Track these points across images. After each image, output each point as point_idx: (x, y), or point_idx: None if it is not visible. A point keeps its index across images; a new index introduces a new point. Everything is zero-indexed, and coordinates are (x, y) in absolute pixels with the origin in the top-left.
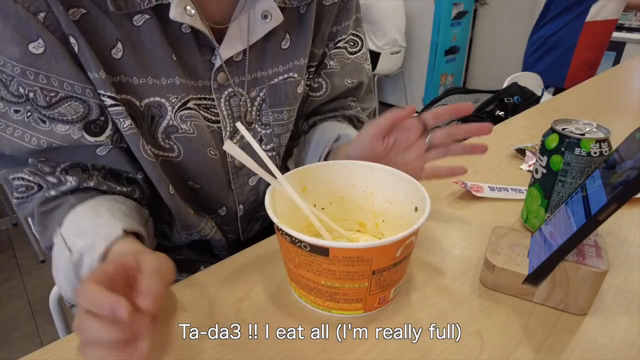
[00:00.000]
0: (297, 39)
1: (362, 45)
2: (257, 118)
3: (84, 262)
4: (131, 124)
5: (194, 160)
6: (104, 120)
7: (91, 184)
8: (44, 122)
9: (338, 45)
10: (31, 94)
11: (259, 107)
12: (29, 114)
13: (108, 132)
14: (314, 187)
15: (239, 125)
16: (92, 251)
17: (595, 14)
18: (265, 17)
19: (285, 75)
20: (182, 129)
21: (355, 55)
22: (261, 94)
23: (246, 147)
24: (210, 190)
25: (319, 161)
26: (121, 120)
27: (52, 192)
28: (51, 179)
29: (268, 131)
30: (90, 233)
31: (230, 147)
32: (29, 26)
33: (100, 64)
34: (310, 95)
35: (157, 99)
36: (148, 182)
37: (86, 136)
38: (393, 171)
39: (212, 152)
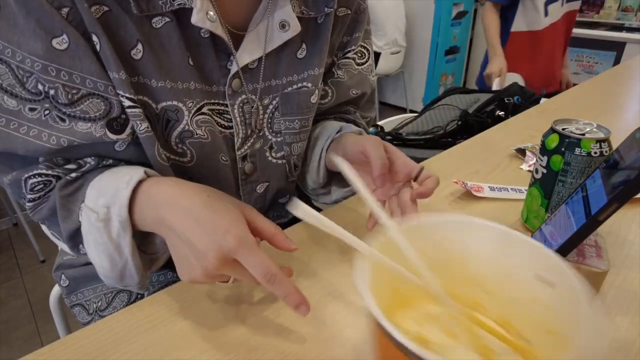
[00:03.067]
0: (312, 49)
1: (368, 57)
2: (269, 125)
3: (112, 215)
4: (148, 127)
5: (205, 165)
6: (125, 118)
7: (110, 161)
8: (63, 120)
9: (347, 55)
10: (52, 91)
11: (270, 115)
12: (47, 112)
13: (129, 129)
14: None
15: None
16: (117, 200)
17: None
18: (284, 26)
19: (300, 85)
20: (197, 134)
21: (362, 66)
22: (274, 102)
23: (256, 154)
24: None
25: (321, 153)
26: (138, 122)
27: (73, 175)
28: (70, 166)
29: (279, 139)
30: (111, 186)
31: (296, 206)
32: (53, 21)
33: (121, 63)
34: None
35: (175, 102)
36: None
37: (109, 134)
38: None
39: (224, 158)
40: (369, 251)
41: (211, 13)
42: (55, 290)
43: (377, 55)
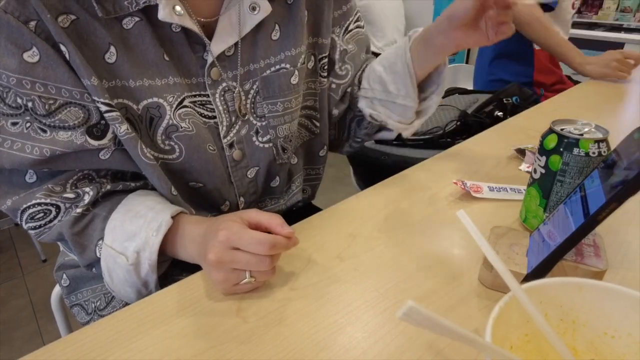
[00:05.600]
0: (287, 30)
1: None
2: (252, 110)
3: (142, 260)
4: (127, 129)
5: (195, 158)
6: (105, 124)
7: (108, 187)
8: (44, 131)
9: (349, 28)
10: (29, 104)
11: (253, 100)
12: (28, 124)
13: (110, 134)
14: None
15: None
16: (148, 246)
17: None
18: (254, 8)
19: (278, 67)
20: (182, 127)
21: (364, 28)
22: (254, 87)
23: (242, 140)
24: (213, 187)
25: (407, 62)
26: (117, 125)
27: (78, 210)
28: (68, 195)
29: (263, 123)
30: (140, 232)
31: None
32: (21, 35)
33: (93, 70)
34: (335, 83)
35: (155, 99)
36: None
37: (89, 140)
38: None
39: (211, 148)
40: (517, 290)
41: (178, 7)
42: (57, 289)
43: (376, 56)
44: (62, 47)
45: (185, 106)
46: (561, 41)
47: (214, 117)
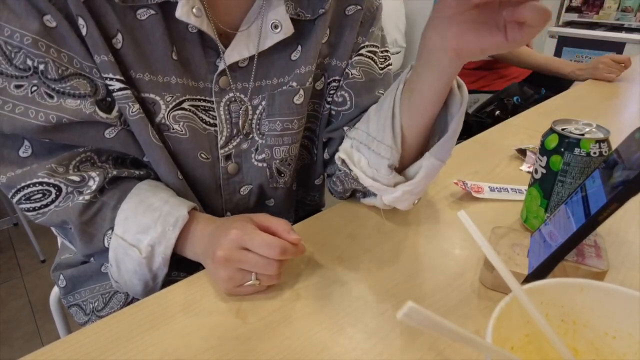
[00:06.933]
0: (307, 50)
1: (390, 61)
2: (257, 127)
3: (156, 253)
4: (140, 109)
5: (182, 161)
6: (111, 101)
7: (114, 172)
8: (51, 97)
9: (361, 52)
10: (41, 66)
11: (259, 116)
12: (34, 88)
13: (116, 112)
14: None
15: (460, 214)
16: (164, 240)
17: None
18: (276, 27)
19: (288, 85)
20: (173, 129)
21: (387, 68)
22: (263, 103)
23: (241, 155)
24: (197, 192)
25: (394, 110)
26: (130, 104)
27: (86, 197)
28: (72, 177)
29: (263, 141)
30: (155, 226)
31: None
32: (38, 2)
33: (108, 47)
34: (334, 110)
35: (152, 95)
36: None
37: (99, 111)
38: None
39: (204, 156)
40: (518, 291)
41: (196, 8)
42: (56, 290)
43: None
44: (81, 21)
45: (184, 109)
46: (543, 56)
47: (215, 125)
